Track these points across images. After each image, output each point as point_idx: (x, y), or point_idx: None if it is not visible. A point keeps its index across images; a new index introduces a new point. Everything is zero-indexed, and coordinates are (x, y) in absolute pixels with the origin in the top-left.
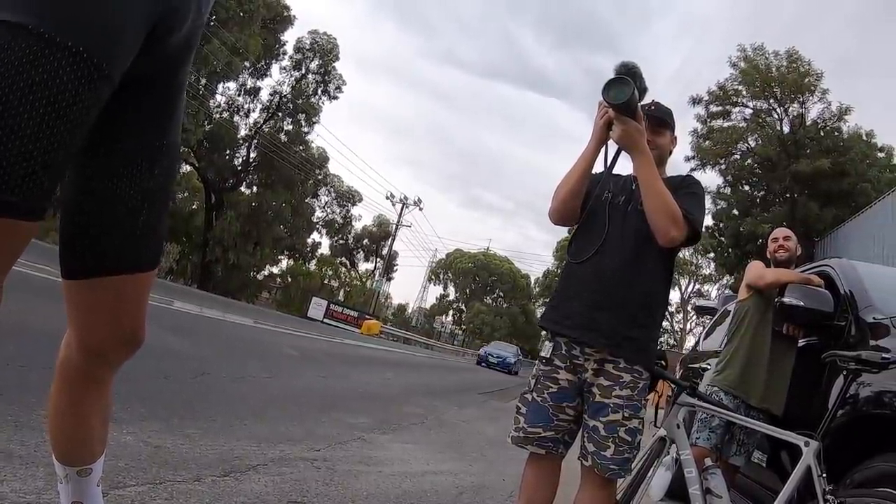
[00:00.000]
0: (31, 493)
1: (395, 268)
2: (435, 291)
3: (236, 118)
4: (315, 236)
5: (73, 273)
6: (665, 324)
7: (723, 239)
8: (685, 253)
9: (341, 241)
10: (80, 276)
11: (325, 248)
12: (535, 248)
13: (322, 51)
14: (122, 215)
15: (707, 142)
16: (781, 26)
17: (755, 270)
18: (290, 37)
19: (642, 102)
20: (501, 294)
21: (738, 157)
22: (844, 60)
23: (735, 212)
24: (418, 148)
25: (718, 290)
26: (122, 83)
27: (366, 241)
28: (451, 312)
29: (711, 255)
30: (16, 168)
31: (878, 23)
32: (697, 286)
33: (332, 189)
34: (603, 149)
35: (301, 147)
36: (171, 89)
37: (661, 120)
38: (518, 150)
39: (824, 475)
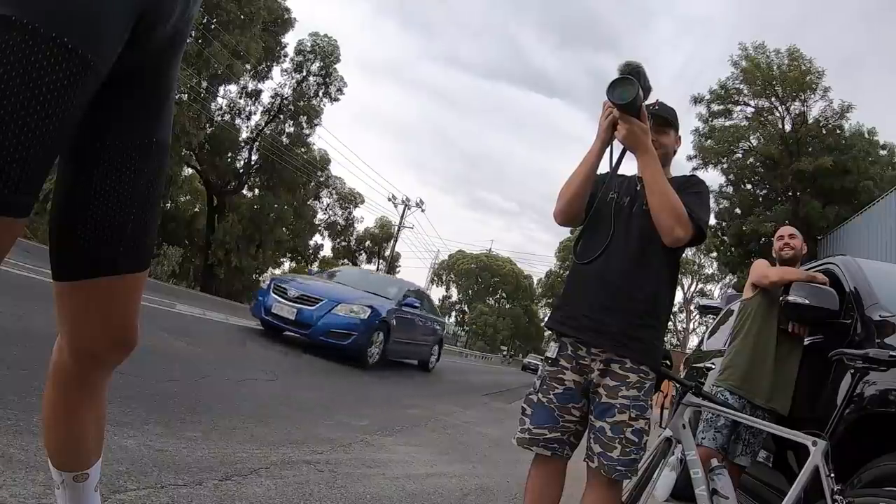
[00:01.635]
0: (31, 498)
1: (397, 269)
2: (438, 293)
3: (238, 121)
4: (317, 238)
5: (64, 275)
6: (668, 324)
7: (725, 238)
8: (688, 252)
9: (344, 243)
10: (71, 278)
11: (327, 250)
12: (537, 248)
13: (323, 53)
14: (111, 215)
15: (709, 141)
16: (784, 24)
17: (759, 269)
18: (290, 39)
19: (646, 102)
20: (504, 295)
21: (740, 155)
22: (848, 58)
23: (737, 211)
24: (421, 149)
25: (721, 289)
26: (110, 79)
27: (368, 242)
28: (453, 314)
29: (714, 254)
30: (1, 165)
31: (882, 19)
32: (700, 285)
33: (334, 191)
34: (608, 149)
35: (303, 149)
36: (159, 86)
37: (665, 119)
38: (521, 151)
39: (832, 475)
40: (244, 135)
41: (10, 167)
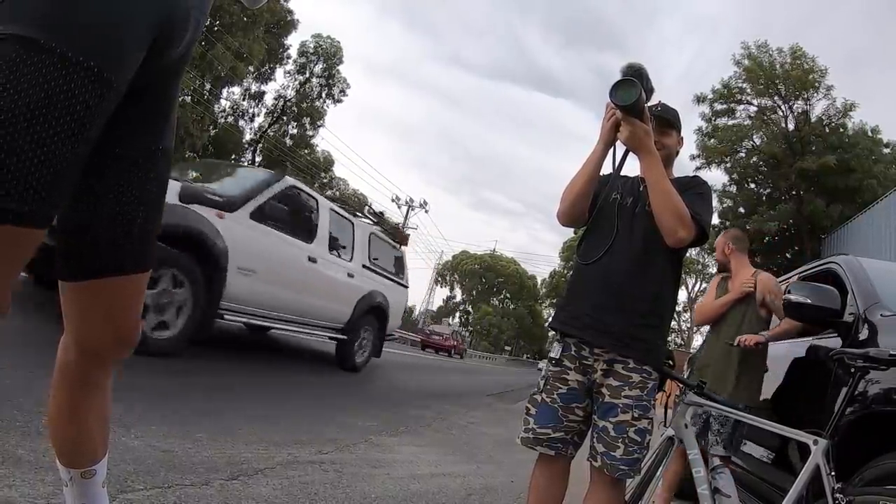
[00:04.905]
0: (40, 497)
1: None
2: (441, 293)
3: (241, 122)
4: None
5: (70, 275)
6: (672, 323)
7: None
8: (692, 252)
9: None
10: (77, 279)
11: None
12: (542, 249)
13: (326, 54)
14: (118, 219)
15: (712, 140)
16: (790, 22)
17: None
18: (293, 41)
19: (649, 103)
20: (508, 295)
21: (743, 154)
22: (852, 56)
23: (741, 210)
24: (426, 150)
25: None
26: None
27: None
28: (457, 314)
29: None
30: (29, 179)
31: (887, 18)
32: (704, 285)
33: (337, 192)
34: (611, 150)
35: (306, 151)
36: (166, 97)
37: (667, 120)
38: (526, 150)
39: (833, 473)
40: (247, 136)
41: (39, 184)
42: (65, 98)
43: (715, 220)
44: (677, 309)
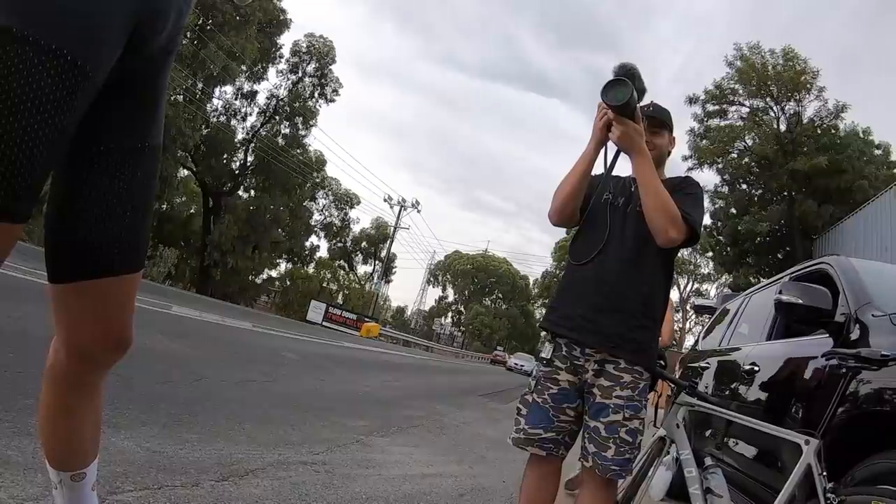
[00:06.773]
0: (29, 499)
1: (393, 270)
2: (434, 293)
3: (233, 122)
4: (313, 239)
5: (59, 276)
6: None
7: (721, 238)
8: (684, 252)
9: (339, 244)
10: (66, 280)
11: (323, 251)
12: (535, 249)
13: (318, 54)
14: (105, 218)
15: (704, 141)
16: (784, 23)
17: None
18: (286, 40)
19: (641, 103)
20: (500, 295)
21: (735, 155)
22: (843, 58)
23: (733, 210)
24: (419, 150)
25: (717, 288)
26: (105, 85)
27: (364, 243)
28: (450, 314)
29: (710, 254)
30: (2, 171)
31: (878, 20)
32: (696, 285)
33: (329, 192)
34: (602, 150)
35: (298, 150)
36: (152, 92)
37: (659, 121)
38: (519, 151)
39: (824, 473)
40: (240, 136)
41: (11, 175)
42: (38, 87)
43: (707, 220)
44: None
